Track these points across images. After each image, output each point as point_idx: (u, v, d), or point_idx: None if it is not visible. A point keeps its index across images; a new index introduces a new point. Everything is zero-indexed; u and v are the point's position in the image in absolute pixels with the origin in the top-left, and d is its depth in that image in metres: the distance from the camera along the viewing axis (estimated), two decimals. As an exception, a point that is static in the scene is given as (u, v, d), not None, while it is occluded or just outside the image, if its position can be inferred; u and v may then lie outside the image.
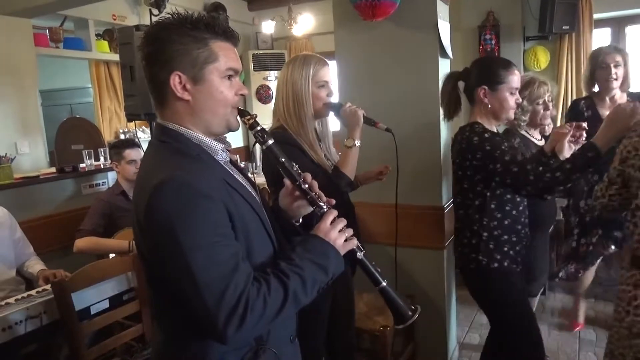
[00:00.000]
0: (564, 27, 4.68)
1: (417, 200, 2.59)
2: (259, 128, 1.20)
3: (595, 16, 4.82)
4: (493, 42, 5.03)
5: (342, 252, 1.17)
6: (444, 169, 2.59)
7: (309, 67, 1.84)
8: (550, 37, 5.01)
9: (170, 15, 1.11)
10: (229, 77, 1.13)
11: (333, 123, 2.14)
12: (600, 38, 5.08)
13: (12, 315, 1.98)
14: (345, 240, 1.18)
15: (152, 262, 1.06)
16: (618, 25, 4.98)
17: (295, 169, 1.24)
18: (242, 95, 1.17)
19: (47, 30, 4.52)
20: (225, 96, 1.13)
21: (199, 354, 1.08)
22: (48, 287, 2.23)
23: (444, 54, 2.54)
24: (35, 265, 2.58)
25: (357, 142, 1.89)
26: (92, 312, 2.21)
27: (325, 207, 1.22)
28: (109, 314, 2.20)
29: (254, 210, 1.14)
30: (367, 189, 2.34)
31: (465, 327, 3.28)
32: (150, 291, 1.18)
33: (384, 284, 1.24)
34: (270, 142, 1.21)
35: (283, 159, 1.22)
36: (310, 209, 1.28)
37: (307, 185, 1.23)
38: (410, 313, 1.24)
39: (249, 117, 1.20)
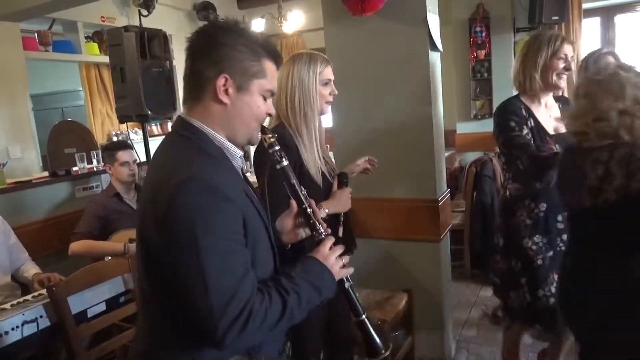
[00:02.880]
0: (553, 18, 4.69)
1: (411, 194, 2.60)
2: (277, 148, 1.24)
3: (585, 6, 4.84)
4: (483, 34, 5.04)
5: (337, 277, 1.21)
6: (437, 162, 2.60)
7: (317, 65, 1.85)
8: (540, 27, 5.02)
9: (227, 20, 1.14)
10: (266, 97, 1.16)
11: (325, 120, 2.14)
12: (590, 27, 5.10)
13: (8, 321, 1.97)
14: (340, 267, 1.22)
15: (161, 256, 1.03)
16: (607, 14, 5.00)
17: (303, 192, 1.28)
18: (269, 115, 1.20)
19: (36, 34, 4.50)
20: (260, 111, 1.16)
21: (186, 358, 1.08)
22: (44, 291, 2.22)
23: (434, 47, 2.54)
24: (31, 270, 2.57)
25: (325, 212, 1.81)
26: (89, 315, 2.20)
27: (324, 234, 1.26)
28: (106, 317, 2.19)
29: (263, 222, 1.16)
30: (361, 184, 2.34)
31: (462, 320, 3.29)
32: (147, 288, 1.15)
33: (364, 316, 1.28)
34: (285, 163, 1.25)
35: (294, 181, 1.26)
36: (304, 235, 1.33)
37: (311, 210, 1.27)
38: (383, 350, 1.27)
39: (270, 135, 1.23)
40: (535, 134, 2.16)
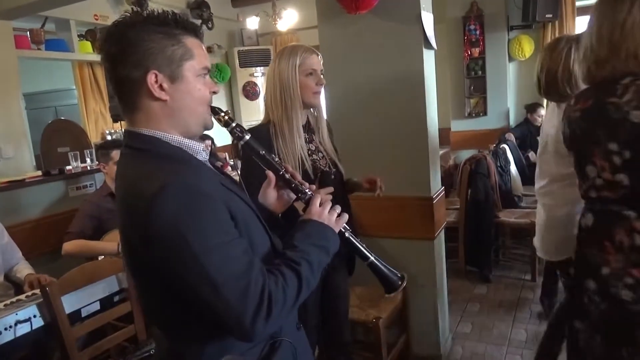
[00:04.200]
0: (547, 16, 4.71)
1: (405, 192, 2.60)
2: (234, 124, 1.20)
3: (578, 4, 4.86)
4: (477, 32, 5.06)
5: (337, 229, 1.19)
6: (431, 159, 2.60)
7: (296, 56, 1.83)
8: (534, 25, 5.05)
9: (128, 13, 1.05)
10: (203, 75, 1.10)
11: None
12: (583, 26, 5.11)
13: (1, 321, 1.95)
14: (337, 217, 1.21)
15: (159, 271, 0.99)
16: (600, 12, 5.01)
17: (276, 160, 1.26)
18: (214, 92, 1.13)
19: (28, 32, 4.47)
20: (203, 93, 1.09)
21: (215, 356, 1.05)
22: (37, 291, 2.21)
23: (428, 45, 2.54)
24: (23, 270, 2.55)
25: None
26: (83, 315, 2.19)
27: (309, 192, 1.25)
28: (100, 316, 2.19)
29: (249, 206, 1.13)
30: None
31: (457, 317, 3.30)
32: (152, 302, 1.11)
33: (372, 258, 1.28)
34: (247, 137, 1.22)
35: (263, 152, 1.24)
36: (291, 199, 1.32)
37: (289, 175, 1.26)
38: (399, 282, 1.30)
39: (222, 114, 1.17)
40: None
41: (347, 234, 1.25)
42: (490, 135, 5.17)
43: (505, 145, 4.56)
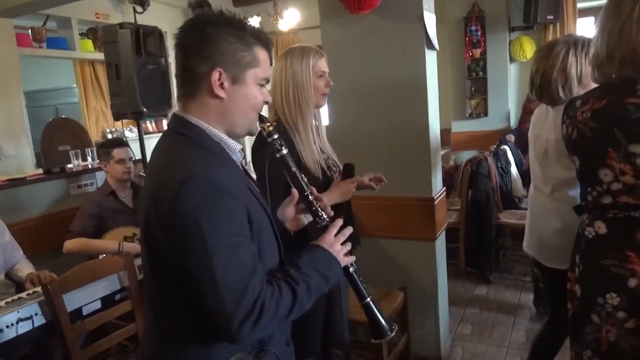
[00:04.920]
0: (548, 17, 4.71)
1: (407, 192, 2.60)
2: (276, 136, 1.25)
3: (579, 5, 4.86)
4: (479, 33, 5.06)
5: (342, 264, 1.22)
6: (433, 160, 2.60)
7: (309, 58, 1.84)
8: (535, 27, 5.05)
9: (212, 11, 1.12)
10: (262, 85, 1.15)
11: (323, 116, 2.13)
12: (584, 27, 5.12)
13: (3, 319, 1.95)
14: (345, 255, 1.23)
15: (169, 257, 1.02)
16: (602, 14, 5.01)
17: (304, 180, 1.28)
18: (266, 102, 1.19)
19: (30, 30, 4.47)
20: (258, 101, 1.15)
21: (201, 355, 1.08)
22: (39, 289, 2.21)
23: (430, 46, 2.54)
24: (25, 269, 2.55)
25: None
26: (84, 313, 2.19)
27: (327, 219, 1.27)
28: (102, 315, 2.18)
29: (266, 214, 1.16)
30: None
31: (457, 318, 3.30)
32: (155, 288, 1.14)
33: (369, 299, 1.29)
34: (285, 151, 1.26)
35: (294, 169, 1.26)
36: (305, 222, 1.35)
37: (313, 198, 1.28)
38: (388, 331, 1.29)
39: (269, 124, 1.23)
40: None
41: (351, 270, 1.27)
42: (491, 136, 5.17)
43: (506, 147, 4.56)
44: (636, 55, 1.26)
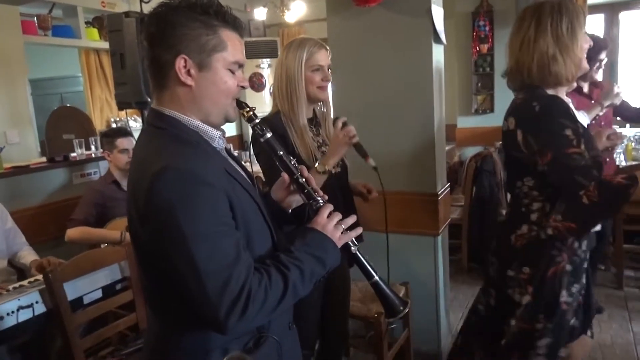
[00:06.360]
0: (557, 13, 4.65)
1: (411, 187, 2.59)
2: (257, 121, 1.21)
3: (589, 2, 4.80)
4: (487, 28, 5.01)
5: (339, 245, 1.18)
6: (438, 156, 2.58)
7: (303, 50, 1.83)
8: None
9: None
10: (233, 70, 1.11)
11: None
12: (594, 24, 5.07)
13: (4, 306, 1.96)
14: (342, 233, 1.19)
15: (152, 251, 1.03)
16: (612, 11, 4.97)
17: (292, 162, 1.25)
18: (242, 87, 1.15)
19: (35, 18, 4.46)
20: (229, 86, 1.10)
21: (199, 343, 1.08)
22: (40, 277, 2.21)
23: (438, 40, 2.52)
24: (28, 256, 2.55)
25: (329, 169, 1.76)
26: (84, 302, 2.20)
27: (321, 201, 1.24)
28: (102, 304, 2.19)
29: (253, 199, 1.13)
30: (360, 177, 2.32)
31: (459, 313, 3.30)
32: (146, 281, 1.15)
33: (376, 277, 1.25)
34: (269, 135, 1.23)
35: (281, 153, 1.24)
36: (294, 205, 1.32)
37: (304, 179, 1.25)
38: (401, 307, 1.26)
39: (247, 109, 1.19)
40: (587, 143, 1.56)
41: (353, 249, 1.23)
42: (496, 132, 5.11)
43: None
44: None
